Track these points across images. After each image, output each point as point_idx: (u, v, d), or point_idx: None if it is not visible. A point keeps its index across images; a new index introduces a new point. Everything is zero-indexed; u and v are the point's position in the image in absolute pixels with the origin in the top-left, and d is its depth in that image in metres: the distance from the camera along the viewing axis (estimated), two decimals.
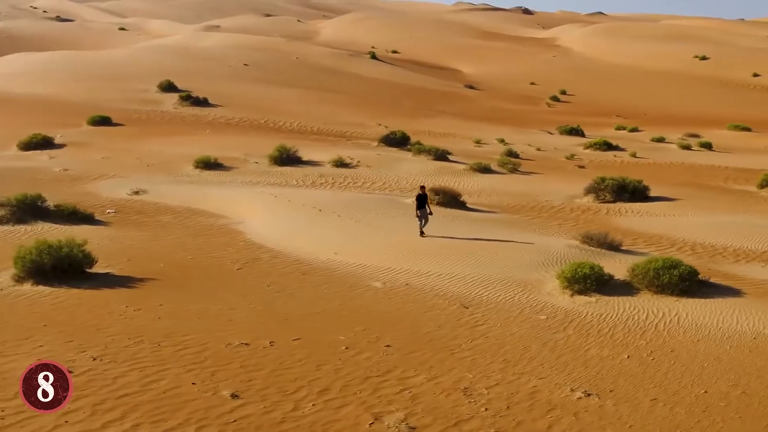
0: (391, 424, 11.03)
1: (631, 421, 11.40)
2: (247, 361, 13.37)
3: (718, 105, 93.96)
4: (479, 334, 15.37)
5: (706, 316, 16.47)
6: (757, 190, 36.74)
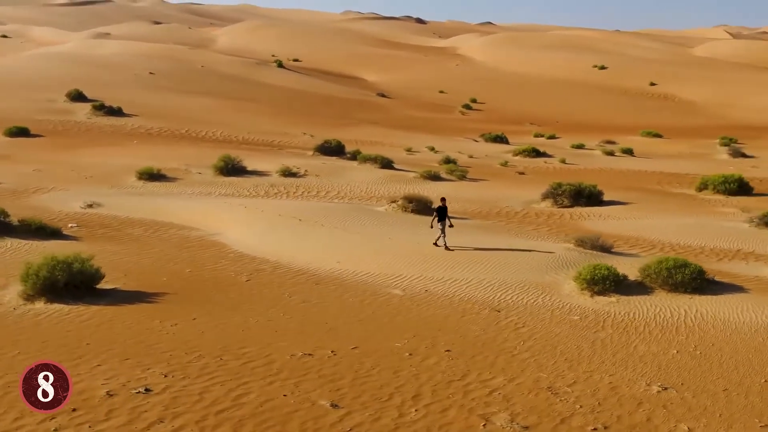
0: (504, 424, 11.43)
1: (717, 411, 12.23)
2: (321, 371, 13.47)
3: (622, 113, 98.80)
4: (526, 336, 15.96)
5: (726, 312, 17.67)
6: (696, 192, 39.07)
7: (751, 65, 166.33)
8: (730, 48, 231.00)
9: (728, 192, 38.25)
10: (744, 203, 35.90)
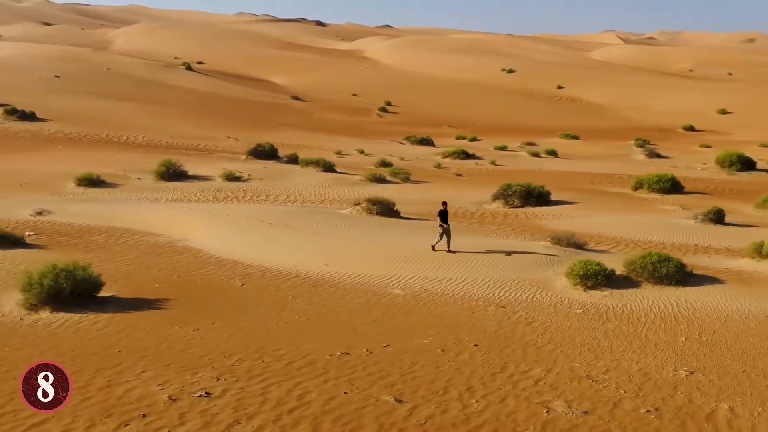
0: (564, 411, 12.23)
1: (747, 391, 13.41)
2: (366, 368, 13.94)
3: (535, 115, 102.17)
4: (541, 329, 16.87)
5: (713, 301, 19.11)
6: (632, 191, 41.23)
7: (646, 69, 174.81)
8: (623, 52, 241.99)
9: (663, 191, 40.54)
10: (680, 201, 38.15)
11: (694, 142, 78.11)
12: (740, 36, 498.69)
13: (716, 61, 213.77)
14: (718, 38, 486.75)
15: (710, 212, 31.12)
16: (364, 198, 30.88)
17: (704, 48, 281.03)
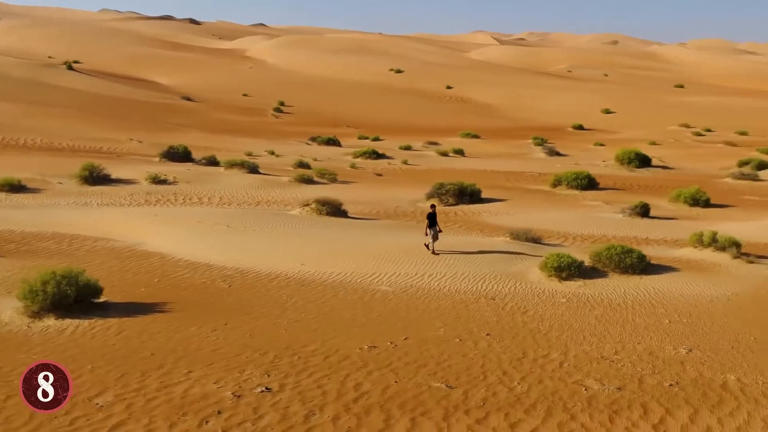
0: (600, 388, 13.61)
1: (743, 364, 15.23)
2: (400, 359, 14.92)
3: (428, 114, 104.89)
4: (538, 318, 18.30)
5: (678, 287, 21.12)
6: (552, 188, 43.67)
7: (527, 70, 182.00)
8: (499, 53, 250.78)
9: (580, 187, 43.15)
10: (598, 197, 40.79)
11: (587, 141, 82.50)
12: (604, 37, 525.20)
13: (590, 63, 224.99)
14: (583, 40, 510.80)
15: (637, 207, 33.60)
16: (312, 199, 31.47)
17: (578, 50, 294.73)
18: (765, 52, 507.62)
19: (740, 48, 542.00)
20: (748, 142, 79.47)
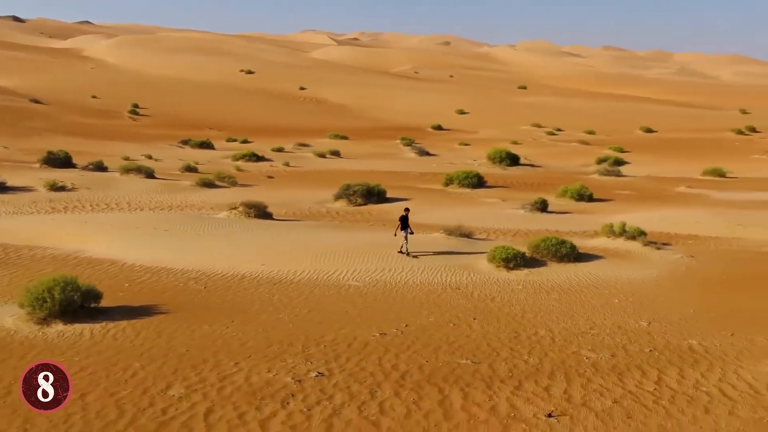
0: (597, 356, 16.32)
1: (697, 331, 18.42)
2: (416, 342, 17.02)
3: (287, 116, 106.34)
4: (507, 303, 20.85)
5: (610, 272, 24.34)
6: (444, 187, 46.77)
7: (374, 70, 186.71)
8: (341, 53, 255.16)
9: (471, 185, 46.47)
10: (493, 194, 44.24)
11: (450, 140, 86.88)
12: (436, 38, 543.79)
13: (431, 64, 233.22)
14: (415, 40, 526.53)
15: (536, 203, 37.12)
16: (238, 202, 32.67)
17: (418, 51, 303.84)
18: (587, 55, 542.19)
19: (564, 50, 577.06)
20: (599, 141, 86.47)
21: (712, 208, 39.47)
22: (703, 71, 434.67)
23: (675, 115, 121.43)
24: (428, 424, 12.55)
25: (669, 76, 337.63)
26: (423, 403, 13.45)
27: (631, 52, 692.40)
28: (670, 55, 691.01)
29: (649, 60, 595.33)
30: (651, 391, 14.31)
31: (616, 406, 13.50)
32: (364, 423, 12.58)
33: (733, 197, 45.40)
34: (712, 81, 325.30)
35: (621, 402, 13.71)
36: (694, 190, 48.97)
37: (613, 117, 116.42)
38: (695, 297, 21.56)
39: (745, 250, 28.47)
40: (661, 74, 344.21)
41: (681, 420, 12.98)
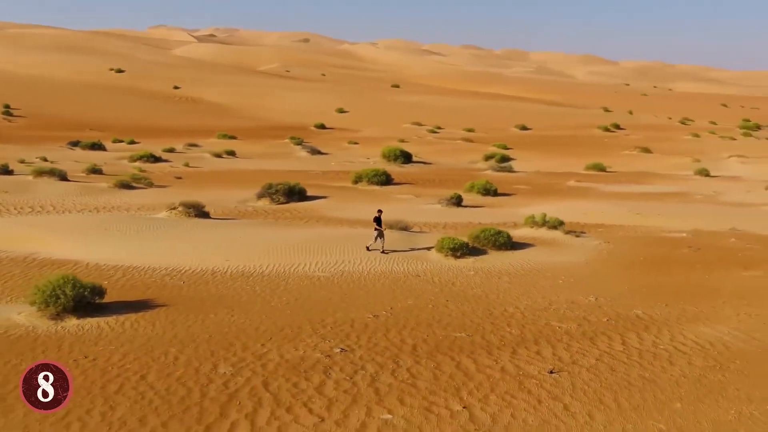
0: (566, 327, 19.44)
1: (636, 303, 21.84)
2: (408, 322, 19.54)
3: (167, 116, 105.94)
4: (467, 287, 23.67)
5: (544, 257, 27.66)
6: (354, 185, 49.37)
7: (242, 68, 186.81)
8: (205, 50, 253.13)
9: (380, 183, 49.26)
10: (405, 191, 47.19)
11: (337, 139, 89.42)
12: (294, 35, 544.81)
13: (300, 62, 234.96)
14: (273, 37, 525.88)
15: (452, 198, 40.33)
16: (177, 202, 34.06)
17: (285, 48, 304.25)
18: (449, 53, 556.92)
19: (425, 48, 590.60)
20: (480, 138, 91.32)
21: (606, 200, 43.92)
22: (560, 70, 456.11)
23: (545, 113, 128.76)
24: (457, 384, 15.12)
25: (529, 74, 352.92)
26: (444, 368, 16.00)
27: (489, 50, 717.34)
28: (527, 54, 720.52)
29: (507, 59, 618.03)
30: (621, 350, 17.43)
31: (599, 363, 16.50)
32: (403, 385, 15.01)
33: (620, 189, 50.31)
34: (568, 80, 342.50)
35: (602, 359, 16.74)
36: (583, 183, 53.67)
37: (488, 115, 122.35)
38: (624, 276, 25.08)
39: (648, 235, 32.52)
40: (521, 73, 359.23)
41: (653, 370, 16.12)
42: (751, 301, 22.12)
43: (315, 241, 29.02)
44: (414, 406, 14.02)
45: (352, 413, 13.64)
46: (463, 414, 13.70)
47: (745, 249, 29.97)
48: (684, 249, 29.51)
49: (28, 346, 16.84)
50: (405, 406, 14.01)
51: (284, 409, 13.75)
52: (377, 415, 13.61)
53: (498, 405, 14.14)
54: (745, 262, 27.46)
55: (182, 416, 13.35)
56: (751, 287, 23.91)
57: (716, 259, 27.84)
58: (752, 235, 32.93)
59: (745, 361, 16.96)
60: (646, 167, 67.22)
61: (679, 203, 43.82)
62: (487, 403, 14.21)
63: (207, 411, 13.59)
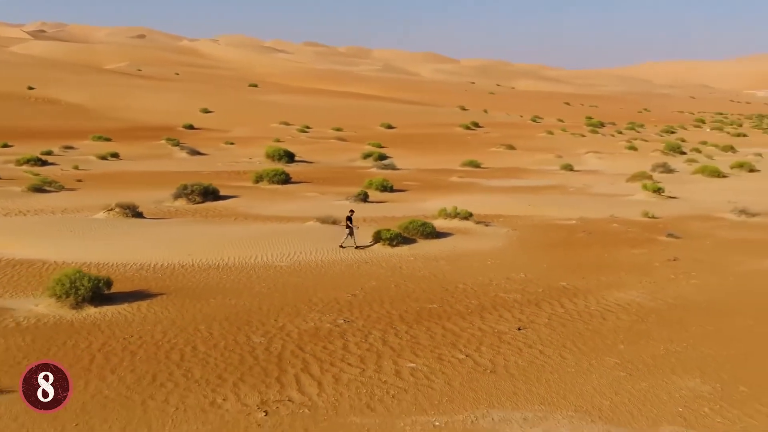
0: (513, 297, 24.09)
1: (565, 277, 26.86)
2: (382, 298, 23.53)
3: (26, 117, 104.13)
4: (415, 269, 27.89)
5: (468, 244, 32.27)
6: (255, 184, 52.61)
7: (87, 66, 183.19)
8: (44, 48, 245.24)
9: (280, 182, 52.74)
10: (308, 189, 50.87)
11: (211, 139, 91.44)
12: (128, 31, 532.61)
13: (151, 61, 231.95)
14: (103, 32, 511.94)
15: (359, 194, 44.49)
16: (114, 204, 36.40)
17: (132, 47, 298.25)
18: (292, 50, 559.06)
19: (267, 45, 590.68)
20: (352, 137, 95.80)
21: (495, 193, 49.41)
22: (405, 68, 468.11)
23: (406, 112, 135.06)
24: (451, 340, 19.35)
25: (377, 72, 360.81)
26: (434, 330, 20.19)
27: (333, 48, 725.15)
28: (370, 52, 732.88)
29: (353, 56, 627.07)
30: (563, 312, 22.19)
31: (551, 321, 21.19)
32: (408, 343, 19.09)
33: (502, 184, 56.09)
34: (416, 78, 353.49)
35: (552, 319, 21.43)
36: (465, 179, 59.15)
37: (352, 114, 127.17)
38: (540, 256, 30.08)
39: (545, 223, 37.89)
40: (369, 71, 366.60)
41: (594, 324, 20.96)
42: (646, 272, 27.49)
43: (258, 235, 32.36)
44: (427, 357, 18.09)
45: (383, 364, 17.55)
46: (467, 361, 17.89)
47: (627, 232, 35.79)
48: (579, 233, 34.96)
49: (69, 330, 19.58)
50: (420, 358, 18.04)
51: (328, 364, 17.47)
52: (403, 364, 17.57)
53: (490, 353, 18.43)
54: (630, 242, 33.13)
55: (251, 373, 16.83)
56: (642, 261, 29.39)
57: (607, 241, 33.37)
58: (628, 221, 38.97)
59: (658, 315, 22.07)
60: (515, 163, 73.76)
61: (559, 195, 49.86)
62: (481, 353, 18.47)
63: (268, 368, 17.12)
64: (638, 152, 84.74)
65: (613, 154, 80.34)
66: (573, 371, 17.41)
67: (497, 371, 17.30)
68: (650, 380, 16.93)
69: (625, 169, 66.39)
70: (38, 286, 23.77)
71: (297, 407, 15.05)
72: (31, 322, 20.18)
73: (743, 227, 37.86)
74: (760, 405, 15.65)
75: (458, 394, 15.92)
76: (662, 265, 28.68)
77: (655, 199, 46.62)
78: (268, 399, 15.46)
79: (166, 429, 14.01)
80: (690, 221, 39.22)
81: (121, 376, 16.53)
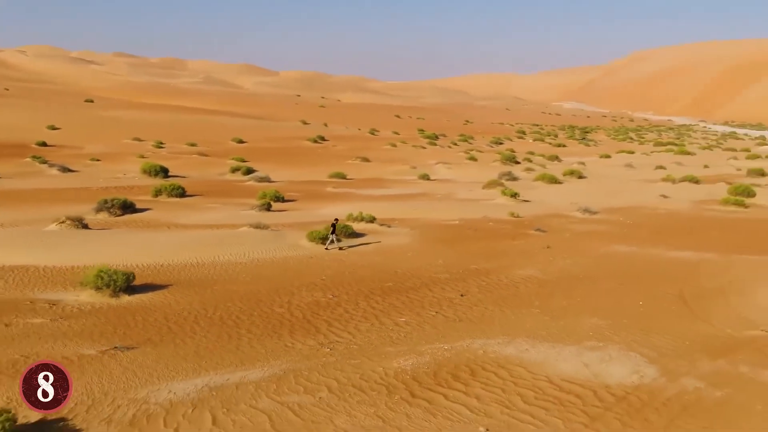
0: (449, 276, 32.26)
1: (469, 261, 35.32)
2: (347, 281, 30.97)
3: None
4: (358, 260, 35.45)
5: (386, 241, 40.03)
6: (155, 198, 58.00)
7: None
8: None
9: (178, 195, 58.41)
10: (208, 201, 56.87)
11: (68, 156, 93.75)
12: None
13: None
14: None
15: (263, 205, 51.29)
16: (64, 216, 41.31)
17: None
18: (102, 61, 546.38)
19: (75, 56, 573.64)
20: (211, 152, 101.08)
21: (373, 201, 57.42)
22: (225, 80, 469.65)
23: (252, 126, 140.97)
24: (421, 303, 27.12)
25: (199, 85, 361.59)
26: (404, 298, 27.91)
27: (145, 59, 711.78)
28: (185, 63, 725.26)
29: (168, 68, 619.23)
30: (486, 284, 30.49)
31: (481, 290, 29.42)
32: (389, 308, 26.70)
33: (375, 193, 64.30)
34: (240, 90, 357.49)
35: (481, 288, 29.68)
36: (340, 189, 66.91)
37: (199, 129, 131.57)
38: (444, 248, 38.36)
39: (434, 224, 46.34)
40: (191, 83, 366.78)
41: (513, 290, 29.37)
42: (530, 256, 36.36)
43: (206, 240, 38.59)
44: (409, 314, 25.77)
45: (383, 320, 25.08)
46: (438, 316, 25.74)
47: (502, 228, 44.88)
48: (467, 230, 43.63)
49: (126, 312, 25.51)
50: (404, 315, 25.69)
51: (344, 321, 24.80)
52: (396, 319, 25.18)
53: (451, 311, 26.38)
54: (509, 236, 42.12)
55: (294, 329, 23.89)
56: (524, 249, 38.32)
57: (491, 236, 42.19)
58: (500, 220, 48.20)
59: (552, 283, 30.78)
60: (375, 174, 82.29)
61: (430, 201, 58.69)
62: (445, 311, 26.38)
63: (305, 326, 24.24)
64: (479, 162, 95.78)
65: (460, 164, 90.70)
66: (513, 318, 25.60)
67: (463, 320, 25.21)
68: (566, 320, 25.37)
69: (474, 177, 76.51)
70: (56, 284, 29.05)
71: (347, 345, 22.28)
72: (86, 308, 25.89)
73: (590, 222, 48.03)
74: (638, 330, 24.37)
75: (445, 333, 23.64)
76: (540, 252, 37.61)
77: (513, 202, 56.49)
78: (323, 342, 22.54)
79: (269, 362, 20.82)
80: (548, 219, 49.00)
81: (203, 336, 23.00)
